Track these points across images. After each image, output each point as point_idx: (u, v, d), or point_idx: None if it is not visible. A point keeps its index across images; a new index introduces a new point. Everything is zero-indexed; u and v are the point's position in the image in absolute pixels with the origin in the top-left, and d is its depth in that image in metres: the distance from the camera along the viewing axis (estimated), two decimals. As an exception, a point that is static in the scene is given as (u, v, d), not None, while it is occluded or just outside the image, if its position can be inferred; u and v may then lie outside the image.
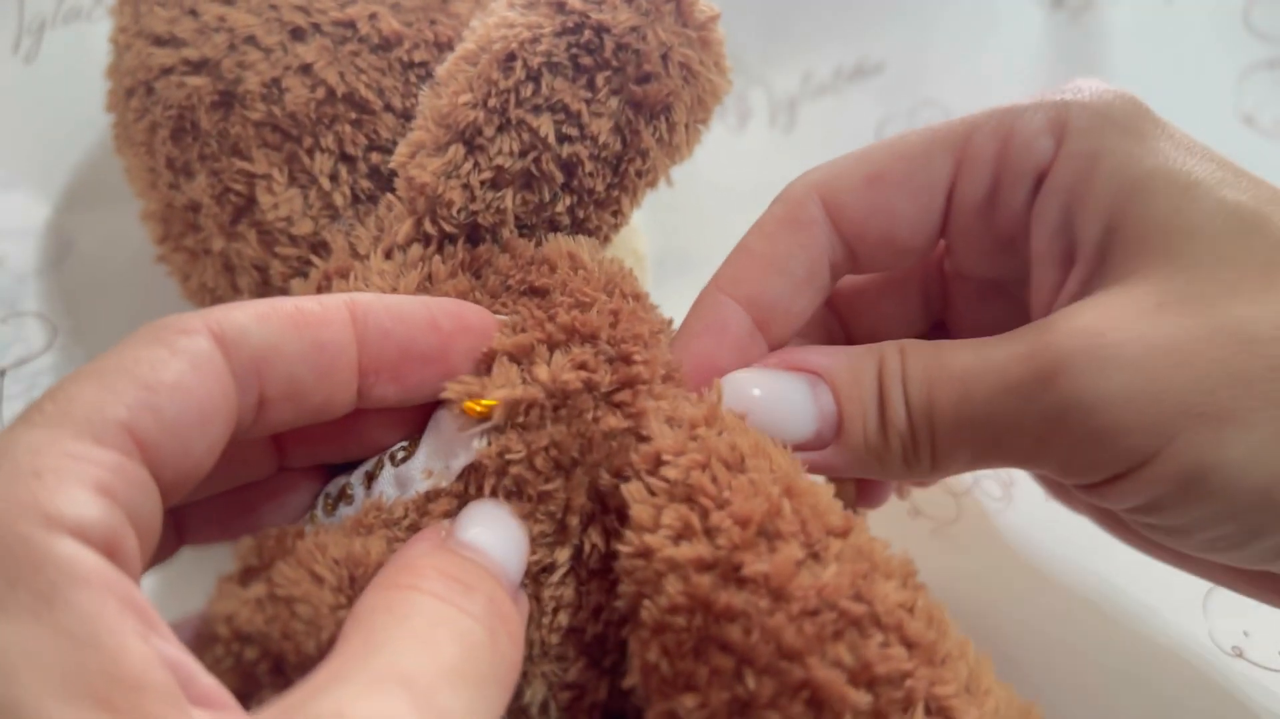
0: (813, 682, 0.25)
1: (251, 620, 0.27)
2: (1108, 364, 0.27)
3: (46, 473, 0.21)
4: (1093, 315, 0.29)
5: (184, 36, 0.37)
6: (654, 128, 0.32)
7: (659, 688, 0.27)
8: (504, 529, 0.29)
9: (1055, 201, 0.32)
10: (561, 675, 0.30)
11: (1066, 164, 0.31)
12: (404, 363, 0.29)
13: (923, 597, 0.27)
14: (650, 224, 0.52)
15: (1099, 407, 0.28)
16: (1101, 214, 0.30)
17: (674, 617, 0.26)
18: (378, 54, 0.36)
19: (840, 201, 0.33)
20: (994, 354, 0.30)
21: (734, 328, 0.33)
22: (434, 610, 0.24)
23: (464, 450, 0.29)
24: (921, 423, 0.31)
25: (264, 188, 0.36)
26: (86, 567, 0.21)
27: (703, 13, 0.32)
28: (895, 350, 0.32)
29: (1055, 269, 0.32)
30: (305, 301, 0.27)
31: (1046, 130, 0.32)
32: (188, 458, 0.24)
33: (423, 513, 0.29)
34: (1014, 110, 0.33)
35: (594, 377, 0.30)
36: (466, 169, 0.32)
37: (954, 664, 0.26)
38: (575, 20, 0.31)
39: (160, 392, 0.24)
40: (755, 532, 0.27)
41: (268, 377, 0.26)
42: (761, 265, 0.34)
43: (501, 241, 0.33)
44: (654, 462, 0.29)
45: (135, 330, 0.25)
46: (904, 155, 0.33)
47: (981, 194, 0.33)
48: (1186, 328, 0.28)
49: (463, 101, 0.32)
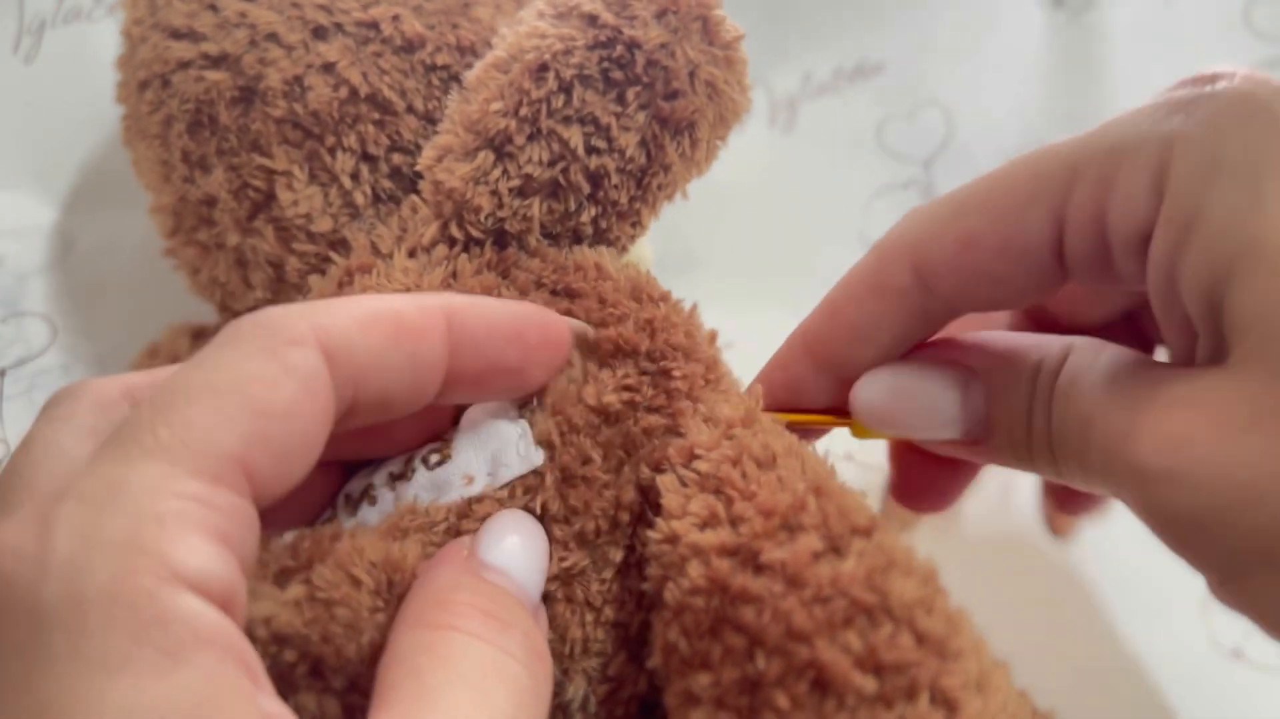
0: (818, 662, 0.25)
1: (290, 623, 0.27)
2: (1182, 482, 0.26)
3: (169, 519, 0.21)
4: (1184, 415, 0.26)
5: (203, 31, 0.36)
6: (678, 143, 0.33)
7: (678, 667, 0.28)
8: (527, 543, 0.29)
9: (1159, 271, 0.28)
10: (602, 670, 0.31)
11: (1165, 233, 0.27)
12: (486, 374, 0.28)
13: (942, 598, 0.28)
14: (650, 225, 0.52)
15: (1172, 522, 0.26)
16: (1201, 292, 0.27)
17: (694, 598, 0.27)
18: (400, 55, 0.36)
19: (934, 269, 0.31)
20: (1106, 414, 0.28)
21: (811, 389, 0.33)
22: (480, 656, 0.24)
23: (515, 461, 0.30)
24: (1058, 444, 0.29)
25: (284, 184, 0.36)
26: (209, 626, 0.21)
27: (728, 32, 0.33)
28: (1056, 353, 0.30)
29: (1177, 335, 0.29)
30: (405, 307, 0.26)
31: (1148, 182, 0.27)
32: (287, 484, 0.24)
33: (464, 516, 0.30)
34: (1118, 149, 0.28)
35: (636, 397, 0.31)
36: (495, 176, 0.32)
37: (964, 660, 0.26)
38: (608, 35, 0.31)
39: (273, 418, 0.23)
40: (778, 523, 0.27)
41: (363, 388, 0.26)
42: (846, 330, 0.32)
43: (529, 248, 0.33)
44: (688, 455, 0.30)
45: (236, 328, 0.24)
46: (999, 216, 0.30)
47: (1092, 255, 0.29)
48: (1269, 453, 0.25)
49: (494, 109, 0.32)
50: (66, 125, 0.49)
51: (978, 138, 0.60)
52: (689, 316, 0.33)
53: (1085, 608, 0.43)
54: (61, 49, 0.48)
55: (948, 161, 0.60)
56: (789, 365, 0.33)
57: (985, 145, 0.60)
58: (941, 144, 0.60)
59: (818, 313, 0.33)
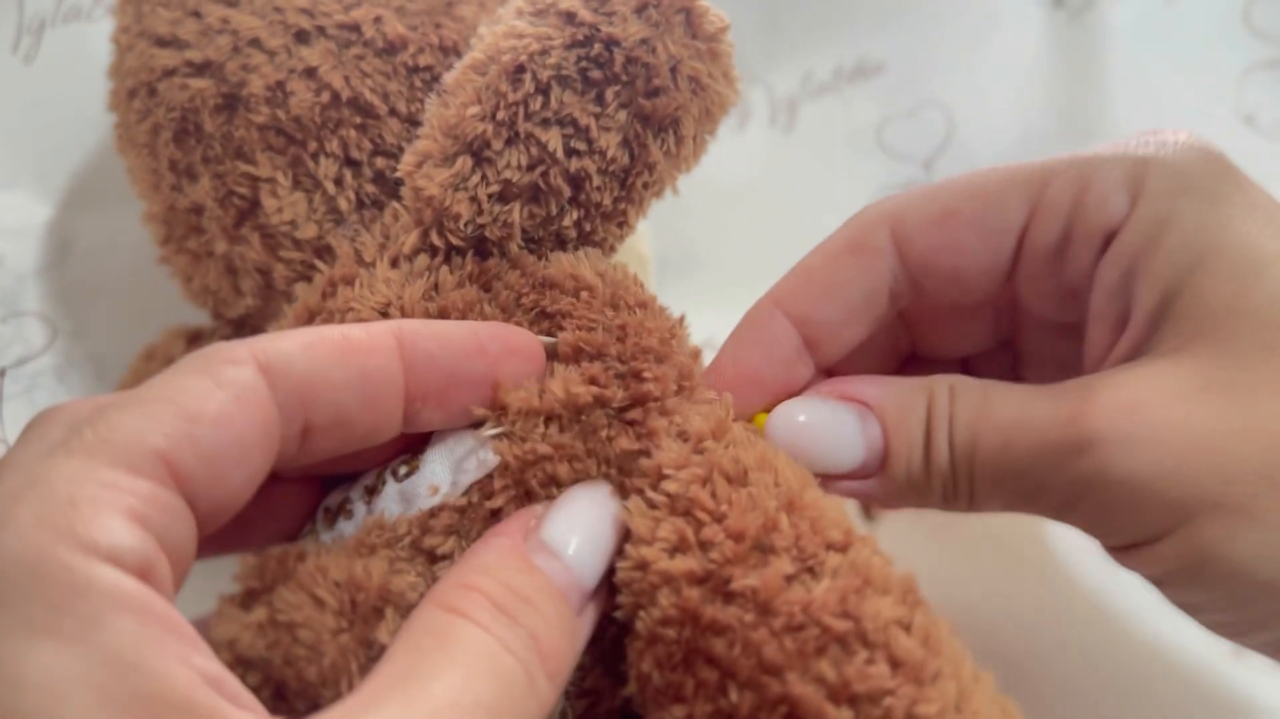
0: (790, 697, 0.25)
1: (253, 645, 0.27)
2: (1138, 443, 0.28)
3: (82, 501, 0.22)
4: (1133, 389, 0.29)
5: (187, 38, 0.36)
6: (662, 141, 0.32)
7: (653, 698, 0.27)
8: (594, 523, 0.29)
9: (1119, 263, 0.31)
10: (579, 683, 0.30)
11: (1135, 227, 0.31)
12: (450, 388, 0.29)
13: (921, 613, 0.27)
14: (651, 225, 0.52)
15: (1125, 482, 0.28)
16: (1161, 284, 0.30)
17: (665, 629, 0.27)
18: (382, 58, 0.36)
19: (909, 234, 0.33)
20: (1037, 411, 0.30)
21: (783, 344, 0.33)
22: (479, 646, 0.25)
23: (474, 465, 0.30)
24: (963, 466, 0.31)
25: (268, 191, 0.36)
26: (126, 592, 0.21)
27: (712, 24, 0.32)
28: (946, 389, 0.32)
29: (1109, 330, 0.32)
30: (351, 330, 0.28)
31: (1123, 188, 0.31)
32: (225, 488, 0.25)
33: (425, 529, 0.29)
34: (1094, 161, 0.32)
35: (605, 392, 0.30)
36: (474, 182, 0.32)
37: (942, 683, 0.26)
38: (585, 33, 0.31)
39: (201, 423, 0.24)
40: (749, 546, 0.27)
41: (313, 406, 0.26)
42: (819, 287, 0.34)
43: (510, 257, 0.33)
44: (656, 476, 0.29)
45: (185, 358, 0.26)
46: (978, 195, 0.33)
47: (1052, 244, 0.33)
48: (1222, 416, 0.28)
49: (471, 113, 0.31)
50: (65, 125, 0.49)
51: (978, 138, 0.60)
52: (672, 324, 0.33)
53: (1084, 608, 0.43)
54: (61, 49, 0.48)
55: (948, 161, 0.60)
56: (759, 324, 0.34)
57: (985, 145, 0.60)
58: (941, 144, 0.60)
59: (791, 275, 0.34)
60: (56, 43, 0.48)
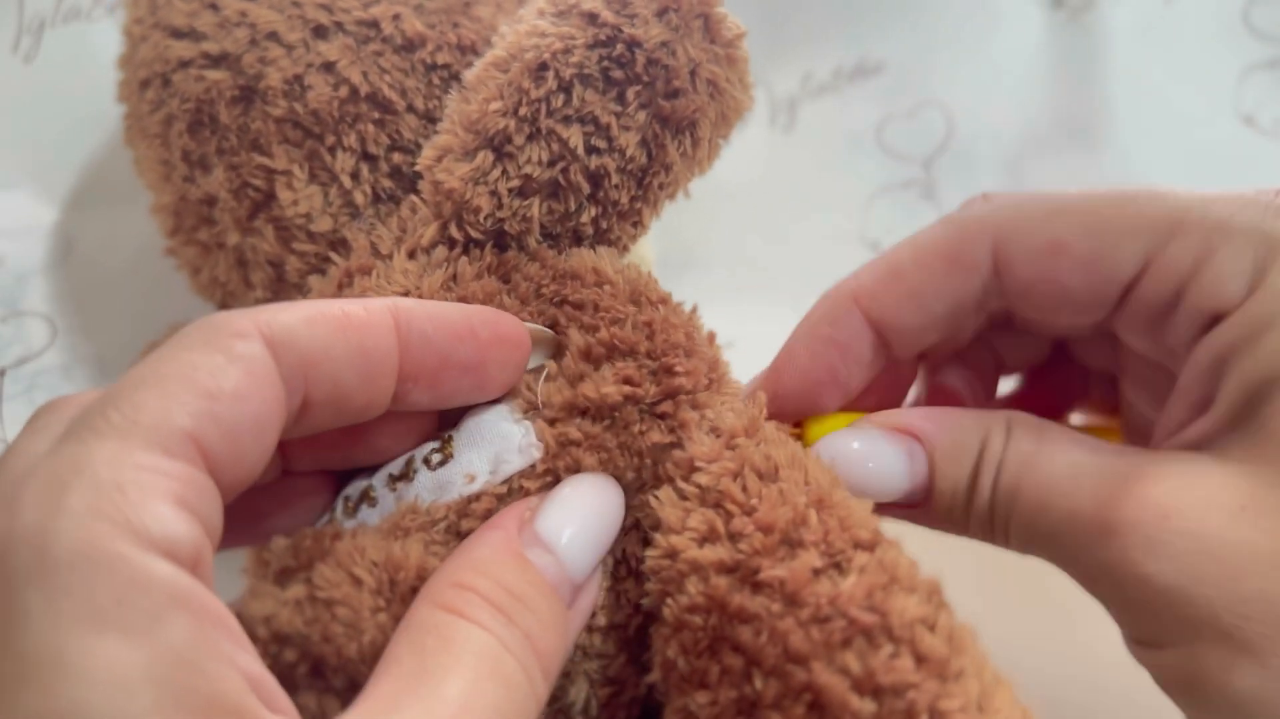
0: (815, 685, 0.25)
1: (291, 622, 0.27)
2: (1160, 548, 0.27)
3: (129, 487, 0.22)
4: (1172, 488, 0.28)
5: (204, 30, 0.36)
6: (679, 142, 0.32)
7: (677, 684, 0.28)
8: (590, 515, 0.29)
9: (1215, 351, 0.30)
10: (602, 672, 0.30)
11: (1242, 321, 0.29)
12: (442, 370, 0.29)
13: (945, 615, 0.27)
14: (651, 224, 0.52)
15: (1140, 582, 0.28)
16: (1249, 386, 0.29)
17: (692, 616, 0.27)
18: (401, 54, 0.36)
19: (1012, 258, 0.32)
20: (1080, 481, 0.29)
21: (859, 345, 0.33)
22: (481, 647, 0.25)
23: (517, 457, 0.30)
24: (1001, 513, 0.31)
25: (284, 184, 0.36)
26: (182, 588, 0.21)
27: (730, 30, 0.33)
28: (1002, 430, 0.31)
29: (1188, 409, 0.31)
30: (350, 305, 0.27)
31: (1245, 274, 0.29)
32: (244, 464, 0.25)
33: (463, 514, 0.30)
34: (1223, 229, 0.29)
35: (638, 390, 0.30)
36: (495, 176, 0.32)
37: (965, 681, 0.26)
38: (608, 33, 0.31)
39: (221, 400, 0.24)
40: (778, 539, 0.27)
41: (314, 380, 0.26)
42: (905, 291, 0.33)
43: (529, 250, 0.33)
44: (688, 468, 0.30)
45: (183, 331, 0.25)
46: (1094, 233, 0.31)
47: (1158, 307, 0.31)
48: (1253, 544, 0.27)
49: (493, 109, 0.32)
50: (66, 125, 0.49)
51: (978, 138, 0.60)
52: (689, 318, 0.33)
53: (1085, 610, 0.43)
54: (61, 48, 0.48)
55: (948, 161, 0.60)
56: (838, 319, 0.33)
57: (985, 145, 0.60)
58: (941, 144, 0.60)
59: (875, 271, 0.33)
60: (56, 42, 0.48)
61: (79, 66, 0.47)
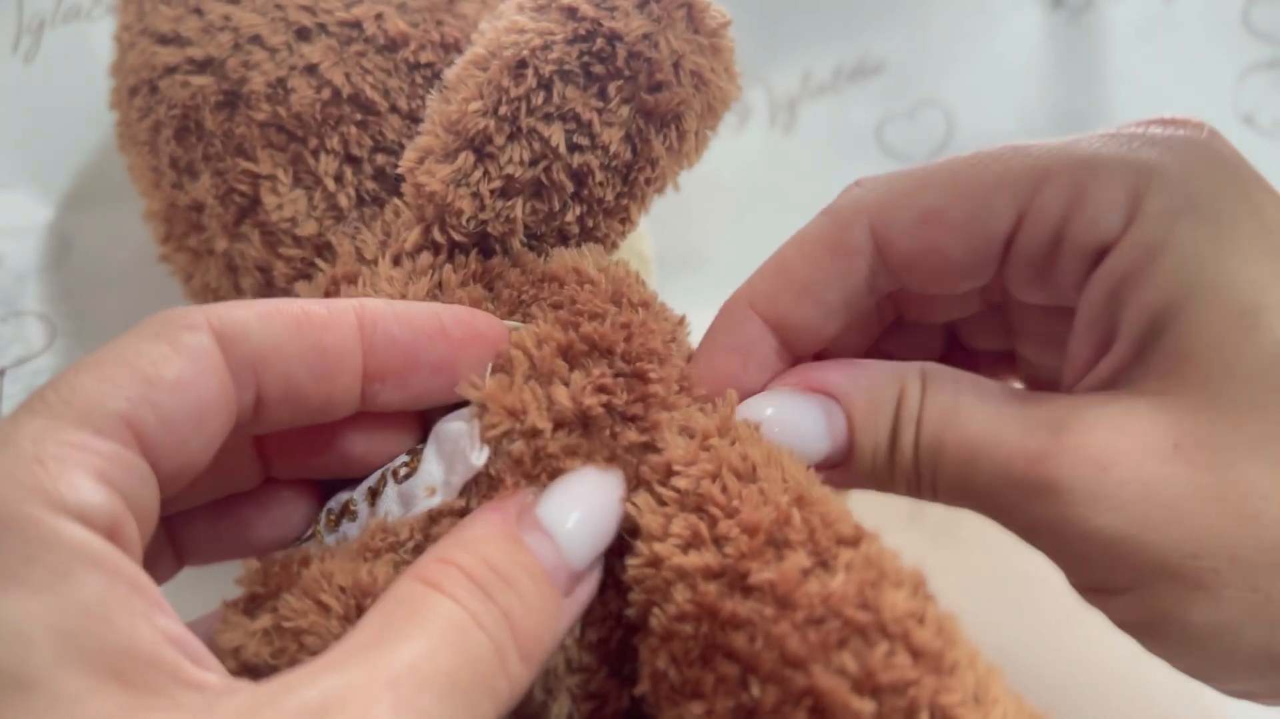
0: (816, 689, 0.25)
1: (259, 653, 0.27)
2: (1104, 502, 0.27)
3: (49, 459, 0.22)
4: (1105, 438, 0.28)
5: (189, 35, 0.36)
6: (664, 136, 0.32)
7: (668, 695, 0.27)
8: (593, 505, 0.28)
9: (1107, 284, 0.30)
10: (584, 687, 0.30)
11: (1128, 249, 0.29)
12: (410, 370, 0.29)
13: (933, 607, 0.27)
14: (651, 224, 0.52)
15: (1086, 536, 0.28)
16: (1147, 315, 0.29)
17: (681, 624, 0.27)
18: (384, 55, 0.36)
19: (890, 235, 0.32)
20: (1006, 435, 0.29)
21: (759, 349, 0.33)
22: (448, 617, 0.24)
23: (463, 464, 0.29)
24: (926, 469, 0.30)
25: (268, 188, 0.36)
26: (94, 548, 0.22)
27: (714, 19, 0.32)
28: (917, 383, 0.31)
29: (1091, 347, 0.31)
30: (312, 305, 0.28)
31: (1119, 204, 0.29)
32: (185, 453, 0.25)
33: (427, 535, 0.29)
34: (1091, 165, 0.30)
35: (614, 399, 0.30)
36: (476, 177, 0.31)
37: (961, 673, 0.26)
38: (587, 28, 0.31)
39: (160, 387, 0.24)
40: (763, 540, 0.27)
41: (265, 376, 0.27)
42: (796, 288, 0.33)
43: (512, 253, 0.33)
44: (665, 472, 0.29)
45: (143, 322, 0.26)
46: (965, 195, 0.31)
47: (1039, 253, 0.31)
48: (1193, 482, 0.27)
49: (473, 109, 0.31)
50: (65, 125, 0.49)
51: (978, 137, 0.60)
52: (674, 327, 0.33)
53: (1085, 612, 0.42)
54: (61, 48, 0.49)
55: (947, 161, 0.60)
56: (734, 328, 0.33)
57: (985, 145, 0.59)
58: (941, 144, 0.60)
59: (764, 273, 0.33)
60: (56, 42, 0.49)
61: (79, 67, 0.48)
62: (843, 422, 0.31)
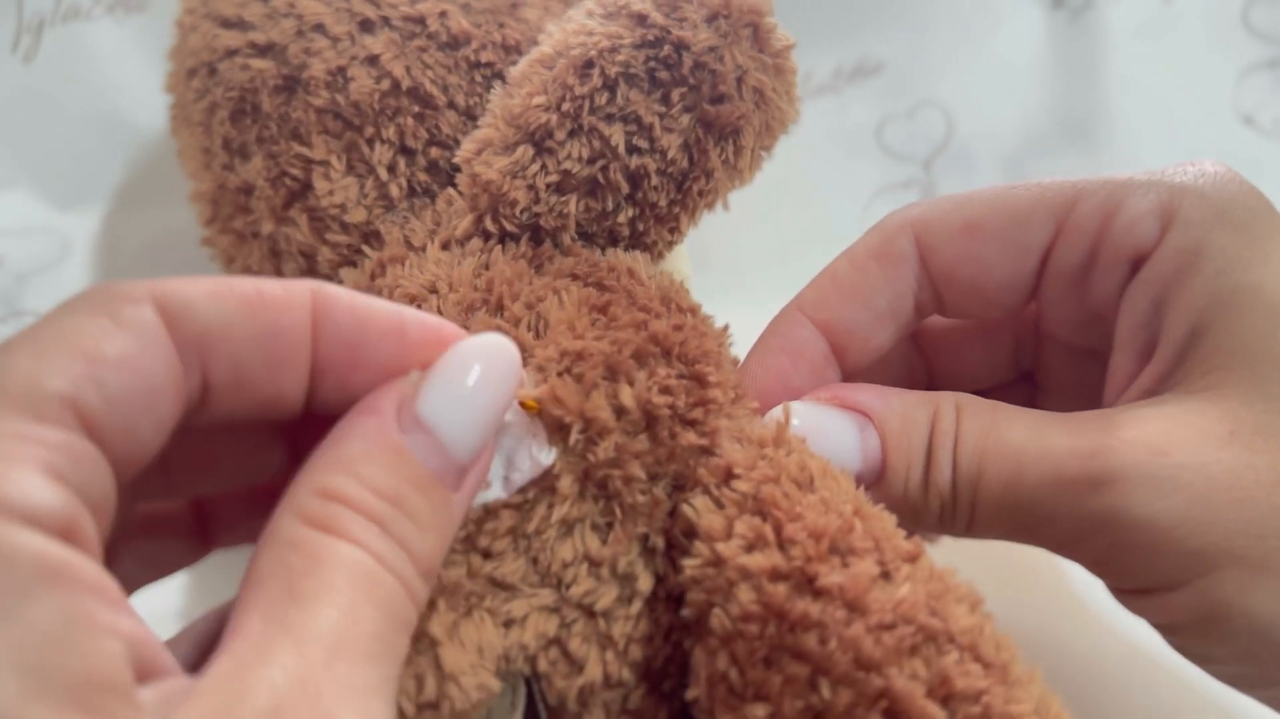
0: (891, 692, 0.25)
1: None
2: (1164, 485, 0.28)
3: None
4: (1159, 428, 0.28)
5: (252, 20, 0.37)
6: (721, 149, 0.33)
7: (725, 699, 0.27)
8: (480, 381, 0.26)
9: (1147, 291, 0.31)
10: (621, 703, 0.29)
11: (1167, 255, 0.31)
12: (353, 369, 0.26)
13: (990, 624, 0.27)
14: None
15: (1145, 525, 0.28)
16: (1190, 317, 0.30)
17: (747, 624, 0.26)
18: (445, 51, 0.36)
19: (933, 243, 0.33)
20: (1053, 440, 0.29)
21: (810, 351, 0.34)
22: (354, 567, 0.23)
23: (528, 462, 0.28)
24: (965, 490, 0.30)
25: (321, 174, 0.37)
26: (52, 558, 0.20)
27: (779, 40, 0.33)
28: (952, 407, 0.31)
29: (1134, 359, 0.32)
30: (266, 284, 0.25)
31: (1154, 214, 0.31)
32: (134, 438, 0.23)
33: (480, 528, 0.28)
34: (1126, 185, 0.32)
35: (677, 401, 0.30)
36: (533, 170, 0.32)
37: (1026, 687, 0.26)
38: (656, 34, 0.32)
39: (104, 365, 0.22)
40: (828, 546, 0.27)
41: (212, 359, 0.24)
42: (845, 293, 0.34)
43: (563, 247, 0.33)
44: (724, 475, 0.29)
45: (76, 295, 0.23)
46: (1006, 210, 0.33)
47: (1077, 266, 0.32)
48: (1252, 464, 0.28)
49: (536, 103, 0.32)
50: (65, 125, 0.49)
51: (977, 138, 0.61)
52: (720, 334, 0.33)
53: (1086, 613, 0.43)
54: (61, 48, 0.48)
55: (948, 161, 0.61)
56: (786, 330, 0.34)
57: (985, 145, 0.61)
58: (941, 144, 0.61)
59: (815, 282, 0.35)
60: (56, 42, 0.48)
61: (79, 66, 0.48)
62: (876, 440, 0.31)
